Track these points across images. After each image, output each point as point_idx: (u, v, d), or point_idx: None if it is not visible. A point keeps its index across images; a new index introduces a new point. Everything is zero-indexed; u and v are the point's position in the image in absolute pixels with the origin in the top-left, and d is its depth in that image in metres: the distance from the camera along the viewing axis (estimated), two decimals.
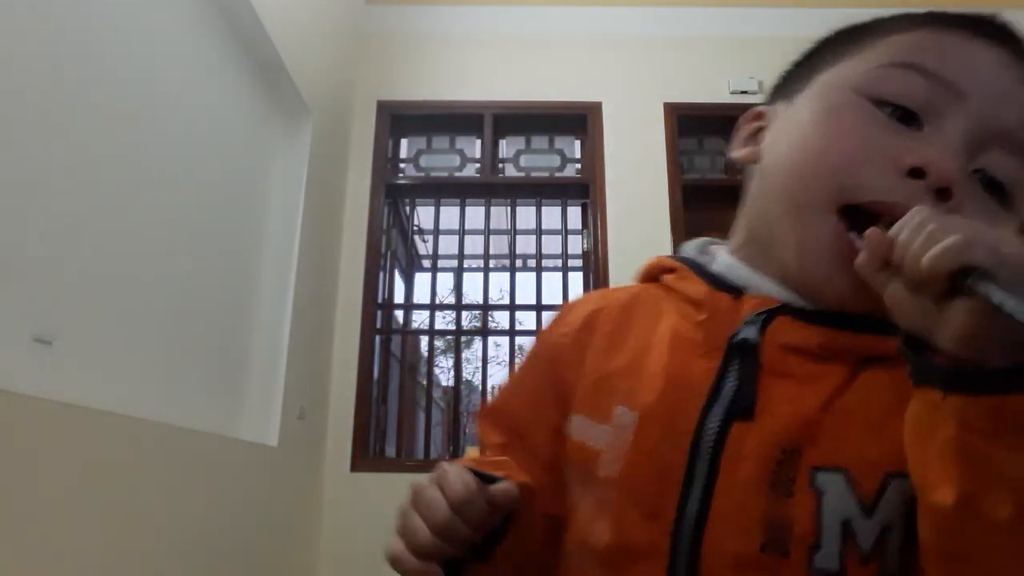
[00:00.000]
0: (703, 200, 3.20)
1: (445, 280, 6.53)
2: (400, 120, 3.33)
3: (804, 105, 0.49)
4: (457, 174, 3.34)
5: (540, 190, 3.34)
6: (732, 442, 0.43)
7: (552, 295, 3.27)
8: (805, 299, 0.46)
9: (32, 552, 1.12)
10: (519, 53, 3.39)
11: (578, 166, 3.35)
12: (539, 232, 3.33)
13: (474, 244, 3.50)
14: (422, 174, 3.35)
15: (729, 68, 3.34)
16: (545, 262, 3.33)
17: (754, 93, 3.29)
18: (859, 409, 0.42)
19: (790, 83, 0.53)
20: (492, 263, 3.39)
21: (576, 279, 3.29)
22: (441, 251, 3.40)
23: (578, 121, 3.32)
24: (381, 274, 3.15)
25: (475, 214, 3.36)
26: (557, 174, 3.34)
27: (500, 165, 3.34)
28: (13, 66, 1.17)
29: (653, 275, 0.56)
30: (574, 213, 3.38)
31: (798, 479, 0.41)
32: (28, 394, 1.10)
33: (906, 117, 0.44)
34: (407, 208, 3.51)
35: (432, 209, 3.36)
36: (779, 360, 0.45)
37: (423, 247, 4.37)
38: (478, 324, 5.89)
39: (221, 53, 1.99)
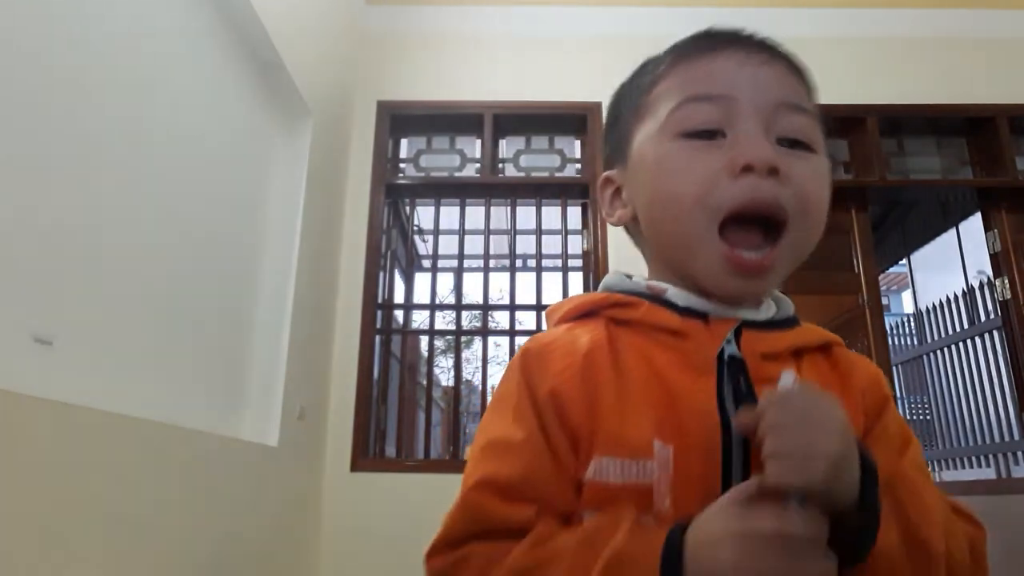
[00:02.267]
0: None
1: (445, 280, 6.54)
2: (400, 120, 3.33)
3: (640, 164, 0.59)
4: (457, 174, 3.34)
5: (540, 190, 3.34)
6: (756, 452, 0.47)
7: (552, 295, 3.27)
8: (737, 308, 0.57)
9: (32, 552, 1.12)
10: (519, 53, 3.39)
11: (578, 166, 3.35)
12: (539, 232, 3.33)
13: (474, 244, 3.50)
14: (422, 174, 3.35)
15: None
16: (545, 262, 3.33)
17: None
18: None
19: (616, 149, 0.64)
20: (492, 263, 3.39)
21: (576, 279, 3.29)
22: (441, 251, 3.40)
23: (578, 121, 3.32)
24: (381, 274, 3.15)
25: (475, 214, 3.36)
26: (557, 174, 3.34)
27: (500, 165, 3.34)
28: (12, 66, 1.17)
29: (586, 311, 0.59)
30: (574, 213, 3.38)
31: None
32: (28, 394, 1.10)
33: (711, 134, 0.55)
34: (407, 208, 3.51)
35: (432, 209, 3.36)
36: (760, 367, 0.54)
37: (423, 247, 4.37)
38: (478, 324, 5.90)
39: (221, 53, 1.98)
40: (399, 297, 3.62)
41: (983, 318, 4.82)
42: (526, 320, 3.54)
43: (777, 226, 0.54)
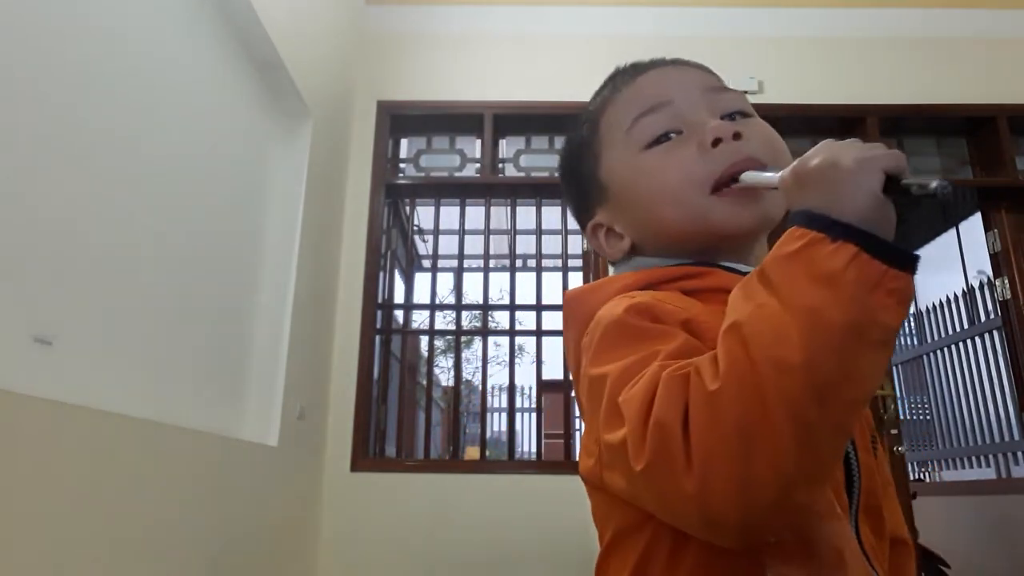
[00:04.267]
0: None
1: (445, 280, 6.54)
2: (400, 120, 3.33)
3: (624, 189, 0.66)
4: (457, 174, 3.34)
5: (540, 190, 3.34)
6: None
7: (552, 295, 3.27)
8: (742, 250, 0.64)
9: (32, 552, 1.12)
10: (519, 53, 3.39)
11: None
12: (539, 232, 3.33)
13: (474, 244, 3.50)
14: (422, 174, 3.35)
15: (729, 68, 3.31)
16: (545, 262, 3.33)
17: (754, 93, 3.29)
18: None
19: (587, 197, 0.70)
20: (492, 263, 3.39)
21: (576, 279, 3.30)
22: (441, 251, 3.40)
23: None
24: (381, 274, 3.15)
25: (475, 214, 3.36)
26: (557, 174, 3.34)
27: (500, 165, 3.34)
28: (12, 66, 1.17)
29: (646, 285, 0.61)
30: None
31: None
32: (28, 394, 1.10)
33: (668, 135, 0.63)
34: (407, 208, 3.51)
35: (432, 209, 3.36)
36: None
37: (423, 247, 4.37)
38: (478, 324, 5.90)
39: (221, 53, 1.98)
40: (399, 297, 3.62)
41: (983, 318, 4.81)
42: (526, 320, 3.54)
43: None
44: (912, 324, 6.19)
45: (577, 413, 5.49)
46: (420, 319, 5.56)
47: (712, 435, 0.41)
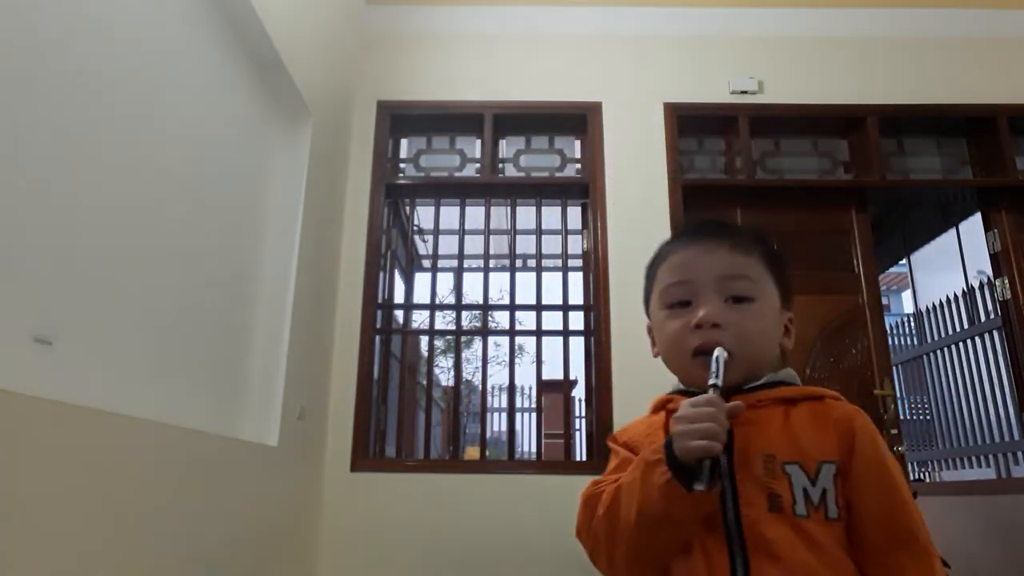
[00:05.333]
0: (703, 200, 3.21)
1: (445, 280, 6.54)
2: (400, 120, 3.33)
3: (653, 322, 0.94)
4: (457, 174, 3.34)
5: (540, 190, 3.34)
6: (736, 458, 0.80)
7: (552, 295, 3.27)
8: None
9: (32, 552, 1.12)
10: (519, 53, 3.39)
11: (578, 166, 3.35)
12: (539, 232, 3.33)
13: (474, 244, 3.50)
14: (422, 174, 3.35)
15: (729, 68, 3.34)
16: (545, 262, 3.32)
17: (754, 93, 3.29)
18: (799, 429, 0.81)
19: (647, 307, 0.96)
20: (492, 263, 3.39)
21: (576, 279, 3.29)
22: (441, 251, 3.40)
23: (578, 121, 3.32)
24: (381, 274, 3.15)
25: (475, 214, 3.36)
26: (557, 174, 3.34)
27: (500, 165, 3.34)
28: (11, 66, 1.17)
29: (662, 404, 0.92)
30: (574, 213, 3.38)
31: (776, 470, 0.78)
32: (28, 394, 1.10)
33: (685, 303, 0.88)
34: (407, 208, 3.51)
35: (432, 209, 3.36)
36: (742, 415, 0.80)
37: (423, 247, 4.37)
38: (478, 324, 5.89)
39: (221, 53, 1.98)
40: (399, 297, 3.62)
41: (983, 318, 4.82)
42: (526, 320, 3.54)
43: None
44: (912, 324, 6.19)
45: (577, 413, 5.51)
46: (420, 319, 5.56)
47: (591, 540, 0.84)
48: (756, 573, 0.74)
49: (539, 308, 3.23)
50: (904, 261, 6.29)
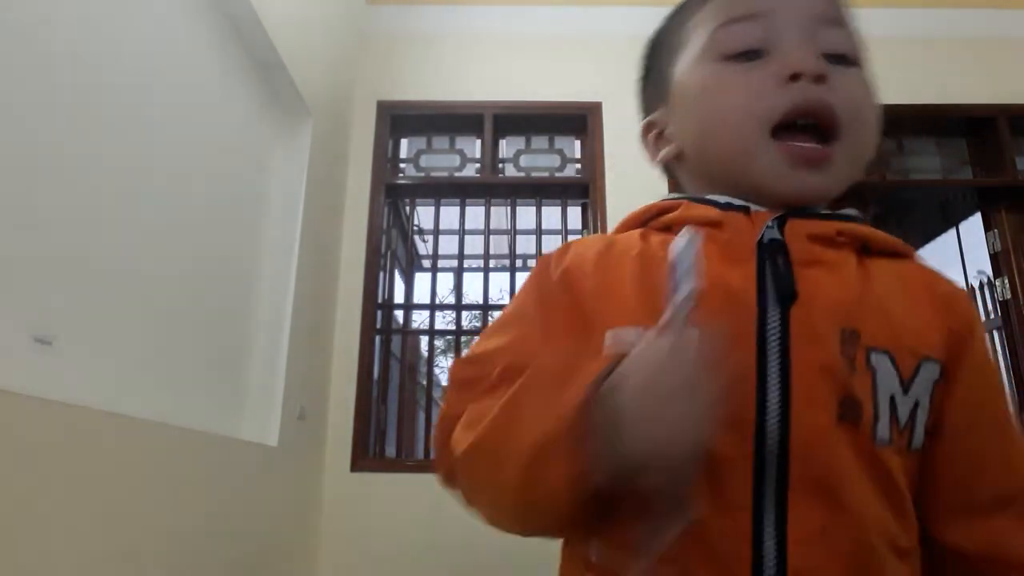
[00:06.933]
0: None
1: (445, 280, 6.54)
2: (400, 120, 3.33)
3: (684, 93, 0.60)
4: (457, 174, 3.34)
5: (540, 190, 3.33)
6: (796, 325, 0.48)
7: None
8: (783, 207, 0.55)
9: (32, 552, 1.12)
10: (519, 53, 3.39)
11: (578, 166, 3.35)
12: (539, 232, 3.33)
13: (474, 244, 3.50)
14: (422, 174, 3.35)
15: None
16: None
17: None
18: (887, 297, 0.51)
19: (655, 91, 0.64)
20: (492, 263, 3.39)
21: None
22: (441, 251, 3.40)
23: (578, 121, 3.31)
24: (381, 274, 3.15)
25: (475, 214, 3.36)
26: (557, 174, 3.34)
27: (500, 165, 3.34)
28: (11, 66, 1.17)
29: (633, 225, 0.60)
30: (574, 213, 3.38)
31: (858, 358, 0.47)
32: (28, 394, 1.10)
33: (754, 53, 0.55)
34: (407, 208, 3.51)
35: (432, 209, 3.36)
36: (806, 250, 0.51)
37: (423, 247, 4.37)
38: (478, 324, 5.88)
39: (221, 53, 1.98)
40: (399, 297, 3.62)
41: (983, 318, 4.81)
42: None
43: (830, 131, 0.54)
44: None
45: None
46: (420, 319, 5.56)
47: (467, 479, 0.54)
48: (796, 527, 0.44)
49: None
50: None
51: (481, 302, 3.42)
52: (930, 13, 3.42)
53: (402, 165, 3.39)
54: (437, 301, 3.53)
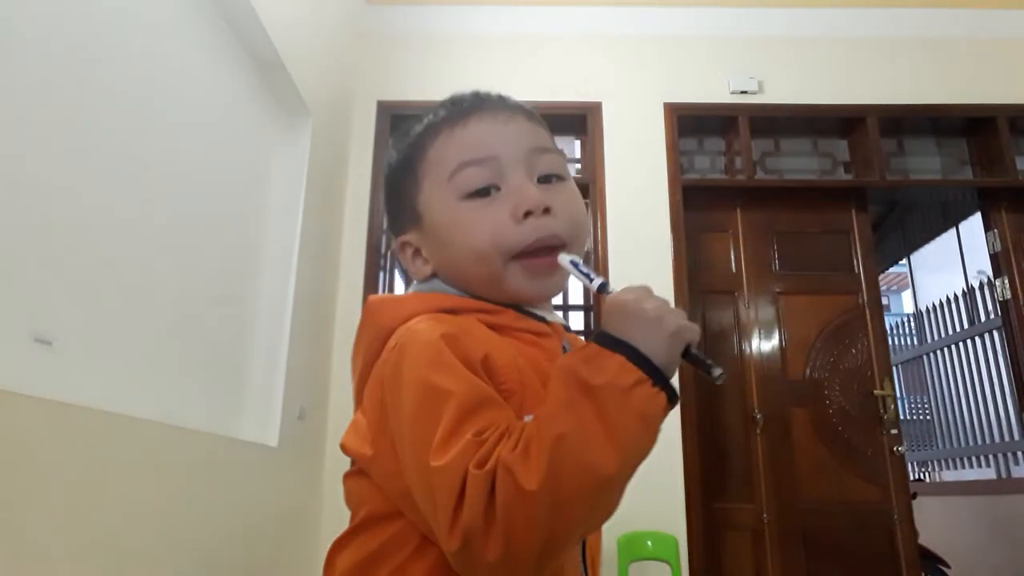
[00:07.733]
0: (703, 200, 3.20)
1: None
2: (400, 120, 3.33)
3: (436, 228, 0.70)
4: None
5: None
6: None
7: None
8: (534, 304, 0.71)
9: (32, 552, 1.12)
10: (519, 53, 3.38)
11: (578, 166, 3.35)
12: None
13: None
14: None
15: (729, 68, 3.34)
16: None
17: (754, 93, 3.29)
18: None
19: (405, 213, 0.73)
20: None
21: (575, 279, 3.29)
22: None
23: (578, 121, 3.31)
24: (381, 274, 3.15)
25: None
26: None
27: None
28: (12, 66, 1.17)
29: (448, 309, 0.66)
30: None
31: None
32: (28, 394, 1.10)
33: (487, 190, 0.67)
34: None
35: None
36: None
37: None
38: None
39: (221, 53, 1.99)
40: None
41: (983, 318, 4.82)
42: None
43: (556, 248, 0.67)
44: (912, 324, 6.19)
45: None
46: None
47: (520, 522, 0.49)
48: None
49: None
50: (904, 261, 6.29)
51: None
52: (930, 13, 3.42)
53: None
54: None
